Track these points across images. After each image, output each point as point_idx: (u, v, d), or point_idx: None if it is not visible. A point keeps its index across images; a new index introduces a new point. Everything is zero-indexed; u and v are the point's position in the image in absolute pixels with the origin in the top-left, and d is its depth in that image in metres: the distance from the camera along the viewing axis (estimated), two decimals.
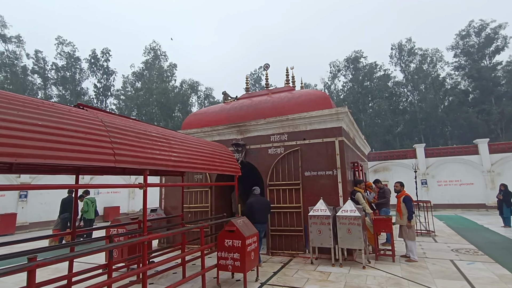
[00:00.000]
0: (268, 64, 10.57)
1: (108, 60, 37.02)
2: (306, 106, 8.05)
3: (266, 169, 7.96)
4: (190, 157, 4.78)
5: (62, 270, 5.74)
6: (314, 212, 6.56)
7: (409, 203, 6.78)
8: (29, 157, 2.48)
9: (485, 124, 31.66)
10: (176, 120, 38.17)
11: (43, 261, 2.59)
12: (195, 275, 4.76)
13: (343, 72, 40.53)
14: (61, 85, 35.06)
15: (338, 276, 5.61)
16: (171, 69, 41.42)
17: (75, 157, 2.88)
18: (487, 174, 18.02)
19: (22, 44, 33.18)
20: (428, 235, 9.60)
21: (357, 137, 10.36)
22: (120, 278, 3.37)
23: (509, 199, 11.17)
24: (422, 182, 19.03)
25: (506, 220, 11.17)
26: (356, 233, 6.11)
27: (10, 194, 14.14)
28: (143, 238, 3.71)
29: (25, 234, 13.62)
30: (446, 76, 36.02)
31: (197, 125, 9.50)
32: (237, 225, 5.09)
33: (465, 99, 33.75)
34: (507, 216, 11.13)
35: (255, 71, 46.82)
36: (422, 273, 5.71)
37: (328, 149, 7.39)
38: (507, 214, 11.14)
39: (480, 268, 5.99)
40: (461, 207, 18.21)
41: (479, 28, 33.86)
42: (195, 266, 6.46)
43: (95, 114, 3.62)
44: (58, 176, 13.33)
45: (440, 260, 6.64)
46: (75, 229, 4.69)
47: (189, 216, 8.62)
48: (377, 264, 6.40)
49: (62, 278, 4.02)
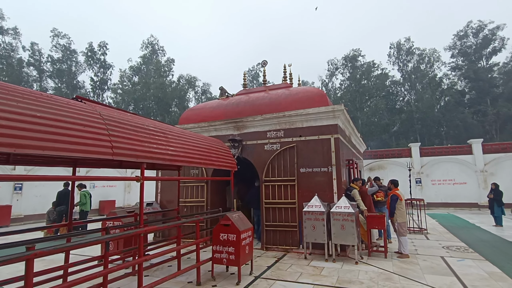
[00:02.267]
0: (266, 61, 10.60)
1: (105, 54, 36.75)
2: (303, 103, 8.11)
3: (262, 165, 8.03)
4: (187, 152, 4.82)
5: (57, 261, 5.77)
6: (309, 208, 6.65)
7: (392, 202, 6.99)
8: (27, 148, 2.50)
9: (480, 125, 31.97)
10: (173, 115, 38.03)
11: (42, 251, 2.64)
12: (190, 267, 4.83)
13: (341, 70, 40.58)
14: (57, 77, 34.79)
15: (331, 271, 5.72)
16: (169, 64, 41.19)
17: (73, 149, 2.91)
18: (480, 174, 18.25)
19: (18, 36, 32.91)
20: (420, 233, 9.76)
21: (353, 135, 10.45)
22: (117, 268, 3.43)
23: (500, 198, 11.34)
24: (416, 181, 19.23)
25: (497, 219, 11.36)
26: (349, 229, 6.22)
27: (5, 186, 14.10)
28: (139, 230, 3.77)
29: (20, 226, 13.59)
30: (443, 76, 36.28)
31: (194, 120, 9.53)
32: (232, 219, 5.16)
33: (461, 99, 34.02)
34: (498, 215, 11.31)
35: (253, 67, 46.70)
36: (413, 268, 5.83)
37: (324, 146, 7.47)
38: (498, 213, 11.32)
39: (469, 265, 6.11)
40: (454, 206, 18.46)
41: (477, 29, 34.09)
42: (190, 260, 6.53)
43: (93, 107, 3.64)
44: (53, 168, 13.31)
45: (431, 256, 6.78)
46: (72, 221, 4.72)
47: (184, 210, 8.68)
48: (370, 260, 6.52)
49: (58, 268, 4.07)
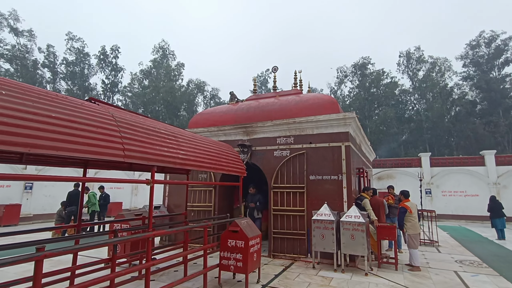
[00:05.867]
0: (277, 67, 10.59)
1: (117, 57, 37.42)
2: (314, 110, 8.04)
3: (271, 171, 7.95)
4: (197, 156, 4.79)
5: (64, 262, 5.78)
6: (318, 217, 6.53)
7: (401, 215, 6.81)
8: (42, 148, 2.49)
9: (491, 136, 31.34)
10: (181, 119, 38.32)
11: (51, 252, 2.61)
12: (197, 273, 4.76)
13: (350, 78, 40.45)
14: (70, 79, 35.46)
15: (340, 282, 5.57)
16: (179, 68, 41.66)
17: (86, 150, 2.90)
18: (493, 187, 17.80)
19: (33, 38, 33.67)
20: (431, 245, 9.50)
21: (363, 143, 10.32)
22: (125, 272, 3.38)
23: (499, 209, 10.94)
24: (426, 192, 18.86)
25: (500, 233, 10.87)
26: (359, 239, 6.07)
27: (15, 185, 14.30)
28: (148, 234, 3.72)
29: (29, 225, 13.73)
30: (454, 86, 35.80)
31: (203, 124, 9.53)
32: (241, 226, 5.09)
33: (473, 109, 33.44)
34: (502, 227, 10.85)
35: (261, 73, 46.94)
36: (425, 283, 5.64)
37: (334, 154, 7.37)
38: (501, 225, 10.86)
39: (484, 280, 5.90)
40: (465, 218, 17.99)
41: (489, 39, 33.63)
42: (196, 265, 6.46)
43: (106, 109, 3.65)
44: (63, 169, 13.45)
45: (443, 270, 6.57)
46: (81, 222, 4.71)
47: (191, 215, 8.63)
48: (380, 271, 6.34)
49: (65, 270, 4.04)
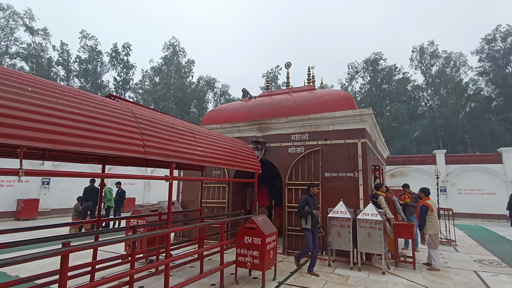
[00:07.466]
0: (290, 63, 10.47)
1: (128, 55, 37.82)
2: (329, 106, 7.92)
3: (285, 168, 7.89)
4: (214, 152, 4.77)
5: (83, 257, 5.87)
6: (334, 214, 6.45)
7: (422, 214, 6.51)
8: (67, 144, 2.50)
9: (508, 133, 30.42)
10: (192, 115, 38.53)
11: (76, 247, 2.63)
12: (214, 270, 4.77)
13: (361, 73, 39.85)
14: (83, 77, 36.04)
15: (357, 280, 5.50)
16: (189, 65, 41.83)
17: (108, 147, 2.90)
18: (511, 185, 17.31)
19: (48, 36, 34.30)
20: (448, 244, 9.30)
21: (378, 140, 10.14)
22: (145, 268, 3.40)
23: None
24: (441, 190, 18.43)
25: None
26: (376, 238, 5.97)
27: (33, 180, 14.63)
28: (168, 230, 3.73)
29: (47, 220, 14.09)
30: (469, 81, 34.83)
31: (217, 121, 9.52)
32: (257, 223, 5.07)
33: (488, 106, 32.47)
34: None
35: (271, 70, 46.70)
36: (445, 283, 5.51)
37: (350, 150, 7.25)
38: None
39: (504, 280, 5.75)
40: (482, 217, 17.55)
41: (505, 33, 32.56)
42: (211, 261, 6.49)
43: (126, 105, 3.65)
44: (78, 165, 13.70)
45: (463, 270, 6.41)
46: (100, 218, 4.77)
47: (205, 211, 8.65)
48: (397, 270, 6.24)
49: (87, 265, 4.10)
